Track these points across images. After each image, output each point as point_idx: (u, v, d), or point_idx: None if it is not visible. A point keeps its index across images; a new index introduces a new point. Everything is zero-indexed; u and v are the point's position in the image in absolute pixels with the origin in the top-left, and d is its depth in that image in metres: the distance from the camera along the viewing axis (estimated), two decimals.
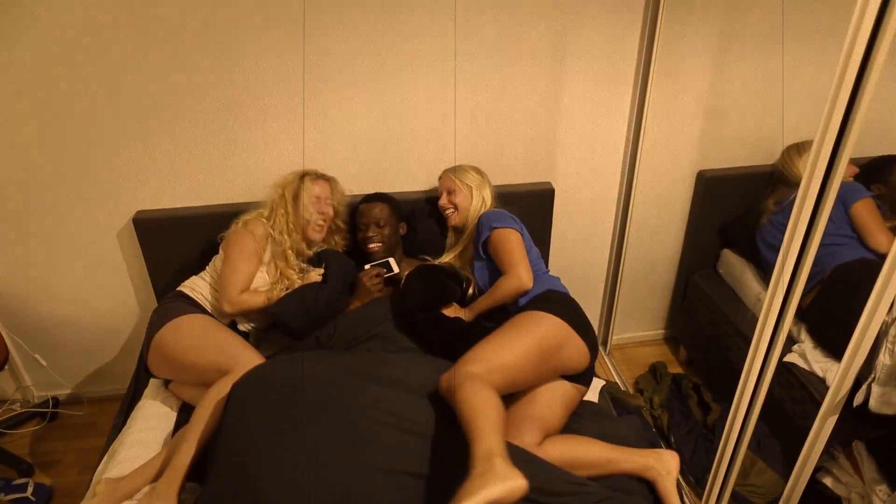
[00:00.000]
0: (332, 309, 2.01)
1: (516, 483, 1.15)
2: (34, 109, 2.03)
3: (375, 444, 1.41)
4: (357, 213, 2.23)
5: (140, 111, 2.09)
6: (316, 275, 2.05)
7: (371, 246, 2.18)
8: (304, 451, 1.38)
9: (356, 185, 2.34)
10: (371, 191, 2.33)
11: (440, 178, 2.26)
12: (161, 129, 2.14)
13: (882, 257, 2.07)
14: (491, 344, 1.69)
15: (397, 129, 2.30)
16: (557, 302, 1.87)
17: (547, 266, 2.51)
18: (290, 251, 2.02)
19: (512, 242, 1.99)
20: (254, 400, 1.48)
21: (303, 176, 2.08)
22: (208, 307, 1.99)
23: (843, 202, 2.17)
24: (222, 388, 1.64)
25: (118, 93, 2.05)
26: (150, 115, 2.10)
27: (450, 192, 2.19)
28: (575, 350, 1.79)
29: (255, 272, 1.97)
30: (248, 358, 1.77)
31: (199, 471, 1.62)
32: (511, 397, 1.75)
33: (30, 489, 2.18)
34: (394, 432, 1.44)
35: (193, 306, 1.95)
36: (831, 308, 2.01)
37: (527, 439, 1.63)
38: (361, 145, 2.30)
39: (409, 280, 2.04)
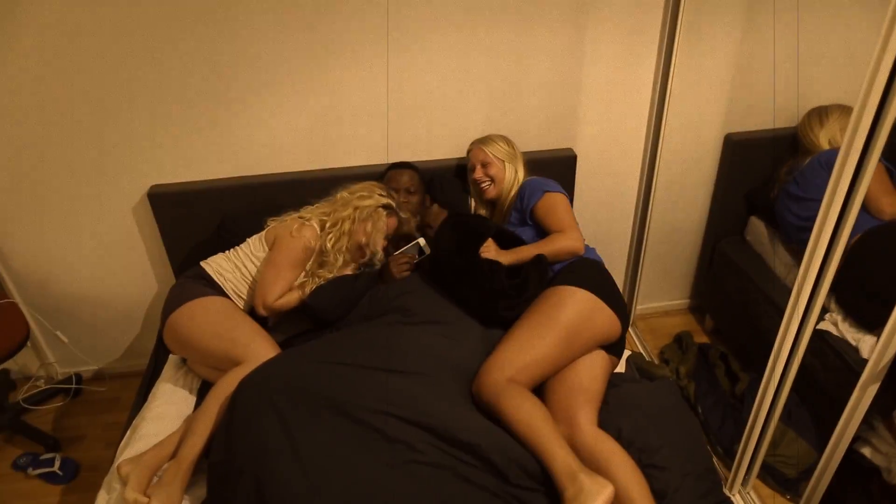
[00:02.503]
0: (364, 295, 1.96)
1: (608, 491, 1.27)
2: (45, 87, 2.00)
3: (383, 440, 1.41)
4: (385, 179, 2.18)
5: (152, 85, 2.04)
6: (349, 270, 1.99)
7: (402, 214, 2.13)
8: (312, 452, 1.37)
9: (370, 156, 2.29)
10: (386, 160, 2.27)
11: (469, 150, 2.18)
12: (174, 103, 2.09)
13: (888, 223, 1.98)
14: (517, 341, 1.65)
15: (413, 95, 2.23)
16: (585, 272, 1.82)
17: None
18: (337, 265, 1.94)
19: (565, 206, 1.97)
20: (259, 401, 1.46)
21: (381, 206, 1.98)
22: (228, 289, 1.93)
23: None
24: (232, 383, 1.60)
25: (129, 67, 2.00)
26: (162, 88, 2.05)
27: (484, 165, 2.12)
28: (605, 321, 1.74)
29: (295, 280, 1.91)
30: (260, 349, 1.72)
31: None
32: None
33: (57, 463, 2.21)
34: (400, 424, 1.43)
35: (211, 287, 1.90)
36: (858, 278, 1.90)
37: (581, 419, 1.56)
38: (375, 113, 2.24)
39: (439, 230, 1.99)
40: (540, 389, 1.69)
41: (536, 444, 1.41)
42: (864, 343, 1.95)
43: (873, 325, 1.98)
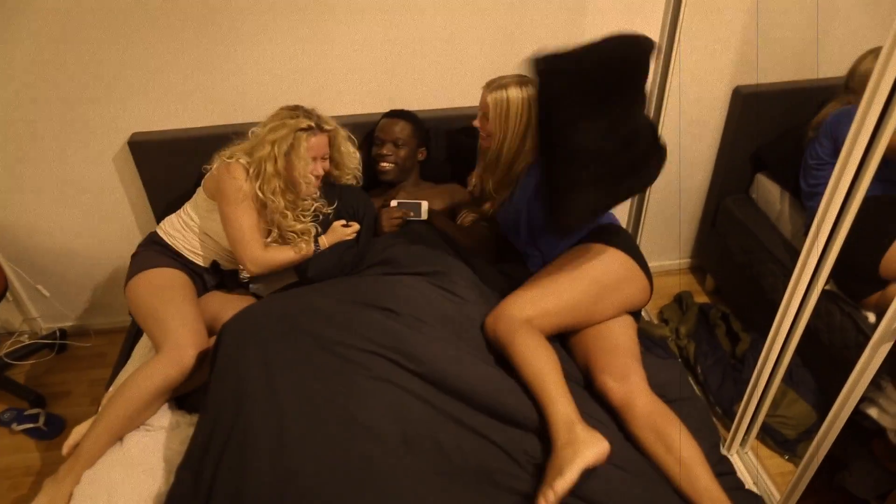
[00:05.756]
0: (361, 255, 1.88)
1: (602, 446, 1.24)
2: (15, 34, 1.87)
3: (371, 377, 1.36)
4: (376, 127, 2.07)
5: (133, 29, 1.92)
6: (351, 232, 1.88)
7: (383, 164, 2.03)
8: (297, 388, 1.33)
9: (365, 104, 2.17)
10: (382, 110, 2.16)
11: (482, 89, 1.81)
12: (155, 48, 1.97)
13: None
14: (542, 284, 1.59)
15: (409, 39, 2.10)
16: (622, 236, 1.74)
17: None
18: (286, 211, 1.78)
19: None
20: (245, 339, 1.40)
21: (297, 131, 1.76)
22: (182, 249, 1.85)
23: None
24: (143, 380, 1.54)
25: (107, 6, 1.87)
26: (143, 32, 1.93)
27: (486, 117, 1.78)
28: (639, 288, 1.69)
29: (257, 221, 1.78)
30: (180, 339, 1.60)
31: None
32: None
33: (41, 419, 2.16)
34: (390, 365, 1.38)
35: (165, 253, 1.82)
36: (847, 251, 1.80)
37: (640, 382, 1.51)
38: (369, 59, 2.11)
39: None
40: (581, 350, 1.65)
41: (541, 389, 1.37)
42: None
43: (855, 298, 1.93)
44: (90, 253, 2.39)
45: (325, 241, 1.85)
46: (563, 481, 1.18)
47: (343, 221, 1.89)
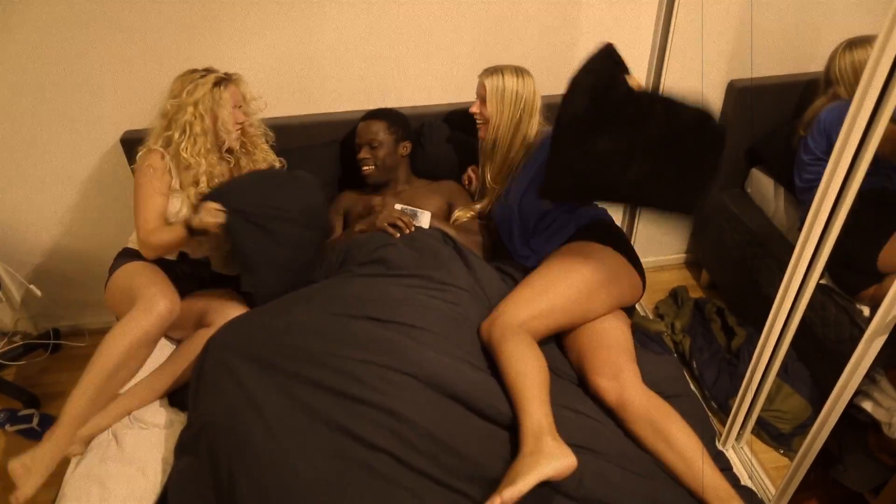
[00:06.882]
0: (303, 256, 1.79)
1: (566, 461, 1.20)
2: (15, 30, 1.87)
3: (365, 389, 1.34)
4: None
5: (123, 28, 1.92)
6: (214, 223, 1.68)
7: (365, 169, 2.02)
8: (288, 405, 1.31)
9: (356, 101, 2.17)
10: (375, 106, 2.15)
11: (479, 77, 1.90)
12: (146, 46, 1.96)
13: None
14: (534, 286, 1.60)
15: (399, 34, 2.09)
16: (612, 232, 1.75)
17: None
18: (203, 176, 1.76)
19: None
20: (233, 357, 1.38)
21: (214, 85, 1.74)
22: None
23: None
24: (120, 334, 1.57)
25: (101, 8, 1.87)
26: (134, 31, 1.93)
27: (483, 102, 1.87)
28: (631, 284, 1.70)
29: (161, 208, 1.76)
30: (149, 293, 1.63)
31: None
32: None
33: (35, 420, 2.15)
34: (383, 371, 1.36)
35: (134, 257, 1.84)
36: (844, 245, 1.79)
37: (632, 378, 1.50)
38: (359, 53, 2.10)
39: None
40: (575, 349, 1.65)
41: (517, 394, 1.35)
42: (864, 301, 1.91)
43: (852, 292, 1.93)
44: (83, 252, 2.37)
45: (196, 222, 1.67)
46: (513, 490, 1.15)
47: (216, 205, 1.65)
